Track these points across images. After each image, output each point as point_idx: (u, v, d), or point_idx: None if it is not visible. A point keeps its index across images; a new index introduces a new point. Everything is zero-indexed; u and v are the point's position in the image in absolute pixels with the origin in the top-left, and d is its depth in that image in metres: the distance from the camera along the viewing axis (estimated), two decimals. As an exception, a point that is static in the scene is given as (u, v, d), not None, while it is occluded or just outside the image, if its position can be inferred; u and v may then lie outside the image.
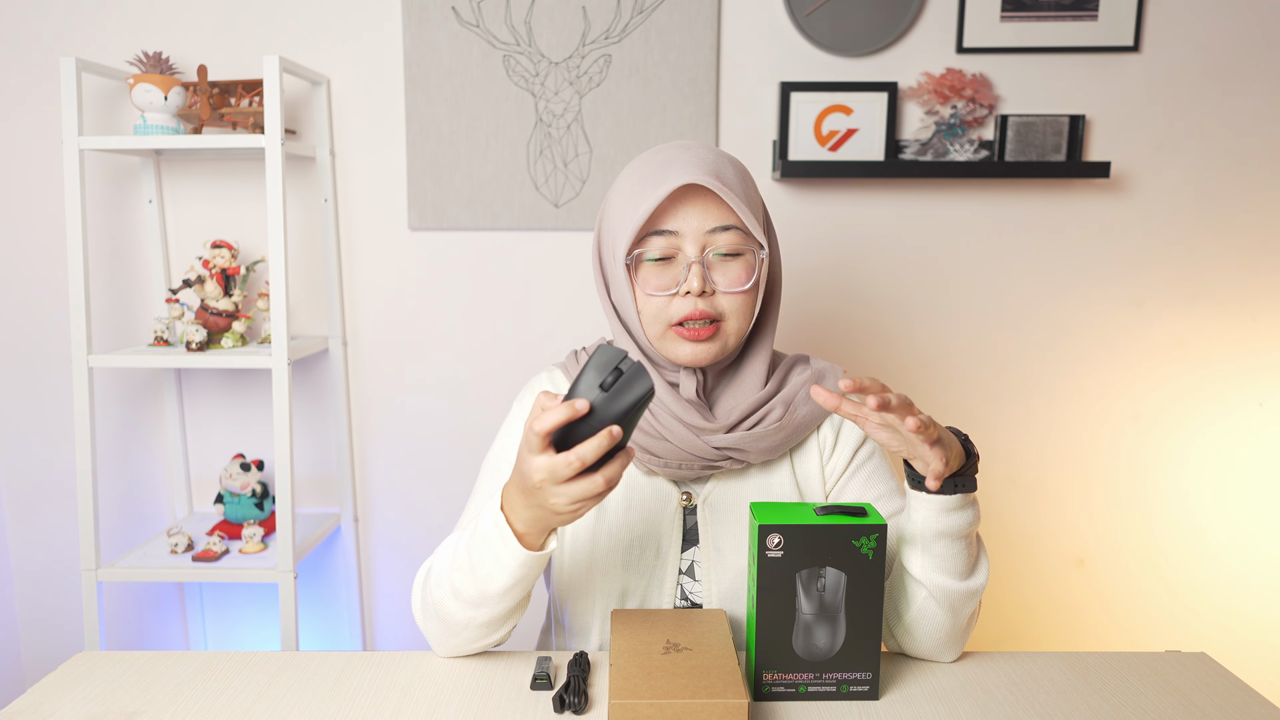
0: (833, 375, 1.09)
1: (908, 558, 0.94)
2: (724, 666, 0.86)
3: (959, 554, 0.92)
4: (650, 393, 0.81)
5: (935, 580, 0.93)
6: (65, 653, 1.87)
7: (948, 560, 0.92)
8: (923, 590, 0.94)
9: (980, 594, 0.95)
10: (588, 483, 0.80)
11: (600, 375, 0.81)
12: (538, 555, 0.89)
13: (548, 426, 0.79)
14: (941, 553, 0.91)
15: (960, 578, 0.93)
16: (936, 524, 0.90)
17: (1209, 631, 1.85)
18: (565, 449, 0.81)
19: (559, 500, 0.81)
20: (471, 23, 1.69)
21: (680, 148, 1.01)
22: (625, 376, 0.80)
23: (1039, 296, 1.78)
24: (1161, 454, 1.81)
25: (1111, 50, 1.68)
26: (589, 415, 0.80)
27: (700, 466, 1.03)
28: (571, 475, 0.80)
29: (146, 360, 1.57)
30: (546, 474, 0.80)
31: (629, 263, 0.99)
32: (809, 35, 1.68)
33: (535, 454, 0.81)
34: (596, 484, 0.80)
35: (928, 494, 0.90)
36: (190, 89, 1.59)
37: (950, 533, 0.91)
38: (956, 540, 0.91)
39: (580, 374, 0.81)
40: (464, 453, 1.83)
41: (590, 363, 0.81)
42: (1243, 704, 0.90)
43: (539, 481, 0.81)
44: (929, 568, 0.92)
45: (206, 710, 0.89)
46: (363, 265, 1.78)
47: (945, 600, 0.93)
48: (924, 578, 0.93)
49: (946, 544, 0.91)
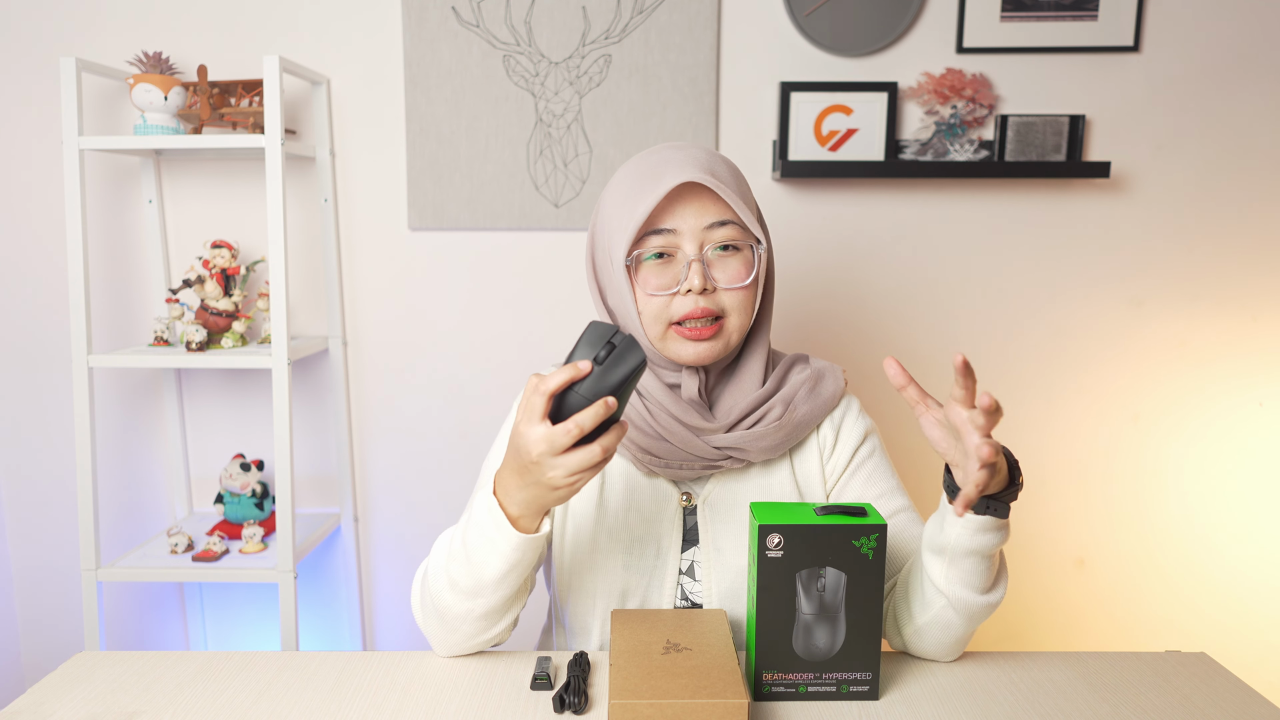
0: (832, 375, 1.09)
1: (931, 566, 0.93)
2: (724, 666, 0.86)
3: (985, 570, 0.90)
4: (643, 364, 0.82)
5: (957, 593, 0.91)
6: (65, 653, 1.87)
7: (973, 576, 0.90)
8: (942, 599, 0.93)
9: (998, 606, 0.94)
10: (585, 452, 0.81)
11: (594, 349, 0.82)
12: (532, 538, 0.89)
13: (552, 386, 0.80)
14: (969, 568, 0.90)
15: (982, 592, 0.91)
16: (970, 542, 0.88)
17: (1209, 631, 1.85)
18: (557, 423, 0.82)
19: (556, 473, 0.82)
20: (471, 23, 1.69)
21: (672, 148, 1.01)
22: (618, 349, 0.82)
23: (1039, 296, 1.78)
24: (1161, 454, 1.81)
25: (1111, 50, 1.68)
26: (582, 388, 0.81)
27: (700, 466, 1.03)
28: (570, 444, 0.80)
29: (146, 360, 1.57)
30: (545, 445, 0.81)
31: (628, 264, 0.99)
32: (809, 35, 1.68)
33: (534, 424, 0.81)
34: (594, 453, 0.81)
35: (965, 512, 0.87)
36: (190, 89, 1.59)
37: (980, 551, 0.89)
38: (985, 558, 0.90)
39: (573, 350, 0.83)
40: (464, 452, 1.83)
41: (582, 338, 0.83)
42: (1243, 704, 0.90)
43: (537, 455, 0.81)
44: (953, 580, 0.91)
45: (206, 710, 0.89)
46: (363, 265, 1.78)
47: (964, 611, 0.92)
48: (946, 589, 0.92)
49: (975, 561, 0.89)
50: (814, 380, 1.07)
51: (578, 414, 0.80)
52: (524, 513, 0.88)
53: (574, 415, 0.80)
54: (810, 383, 1.06)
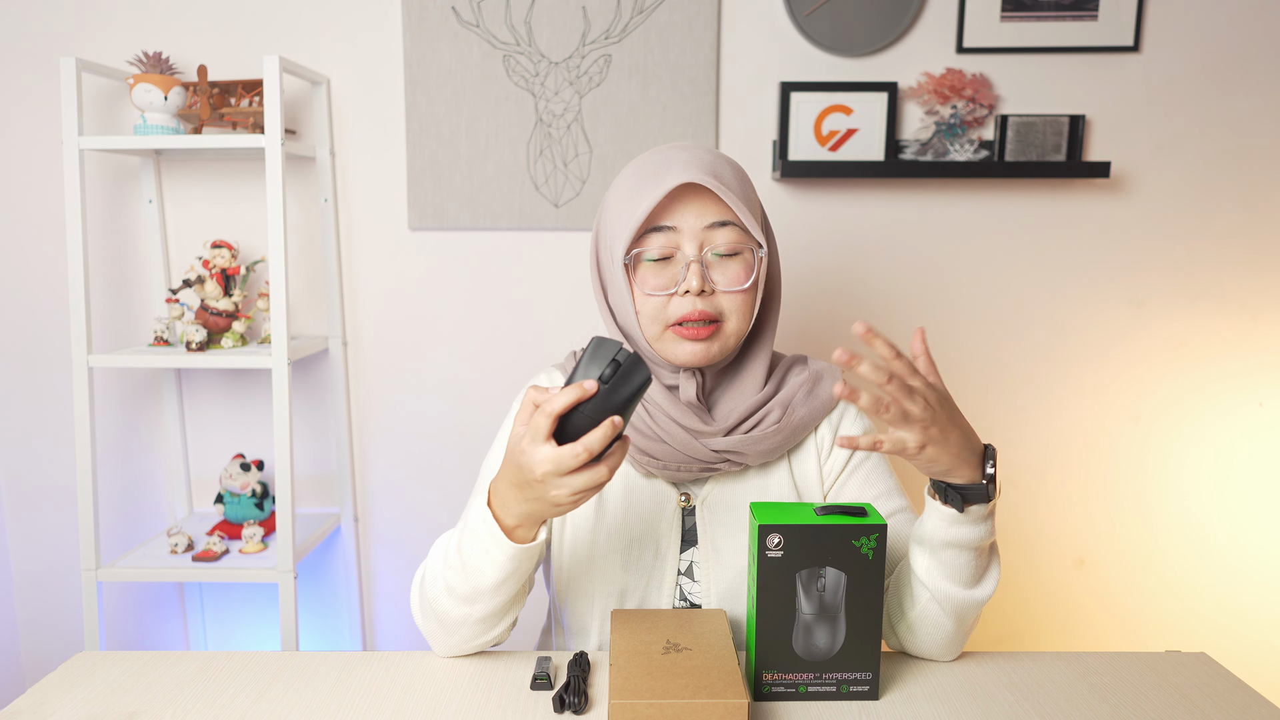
0: (831, 376, 1.08)
1: (915, 558, 0.94)
2: (724, 666, 0.86)
3: (966, 564, 0.90)
4: (648, 381, 0.82)
5: (939, 585, 0.92)
6: (65, 653, 1.87)
7: (954, 569, 0.91)
8: (926, 592, 0.93)
9: (985, 603, 0.94)
10: (592, 473, 0.81)
11: (599, 367, 0.81)
12: (527, 548, 0.89)
13: (559, 408, 0.80)
14: (949, 561, 0.90)
15: (965, 586, 0.92)
16: (945, 533, 0.89)
17: (1209, 631, 1.85)
18: (562, 441, 0.81)
19: (561, 492, 0.82)
20: (471, 23, 1.69)
21: (678, 148, 1.01)
22: (624, 368, 0.81)
23: (1039, 297, 1.78)
24: (1161, 454, 1.81)
25: (1111, 50, 1.68)
26: (587, 407, 0.81)
27: (698, 469, 1.03)
28: (578, 466, 0.80)
29: (146, 360, 1.57)
30: (552, 465, 0.80)
31: (627, 263, 0.99)
32: (809, 35, 1.68)
33: (538, 445, 0.81)
34: (601, 474, 0.81)
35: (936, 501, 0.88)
36: (190, 89, 1.59)
37: (958, 543, 0.89)
38: (965, 551, 0.90)
39: (576, 367, 0.82)
40: (464, 453, 1.83)
41: (586, 355, 0.82)
42: (1243, 704, 0.90)
43: (542, 474, 0.81)
44: (934, 573, 0.92)
45: (206, 710, 0.89)
46: (363, 265, 1.78)
47: (949, 605, 0.93)
48: (929, 581, 0.92)
49: (954, 553, 0.90)
50: (812, 382, 1.07)
51: (586, 437, 0.79)
52: (521, 523, 0.88)
53: (582, 438, 0.80)
54: (808, 384, 1.06)
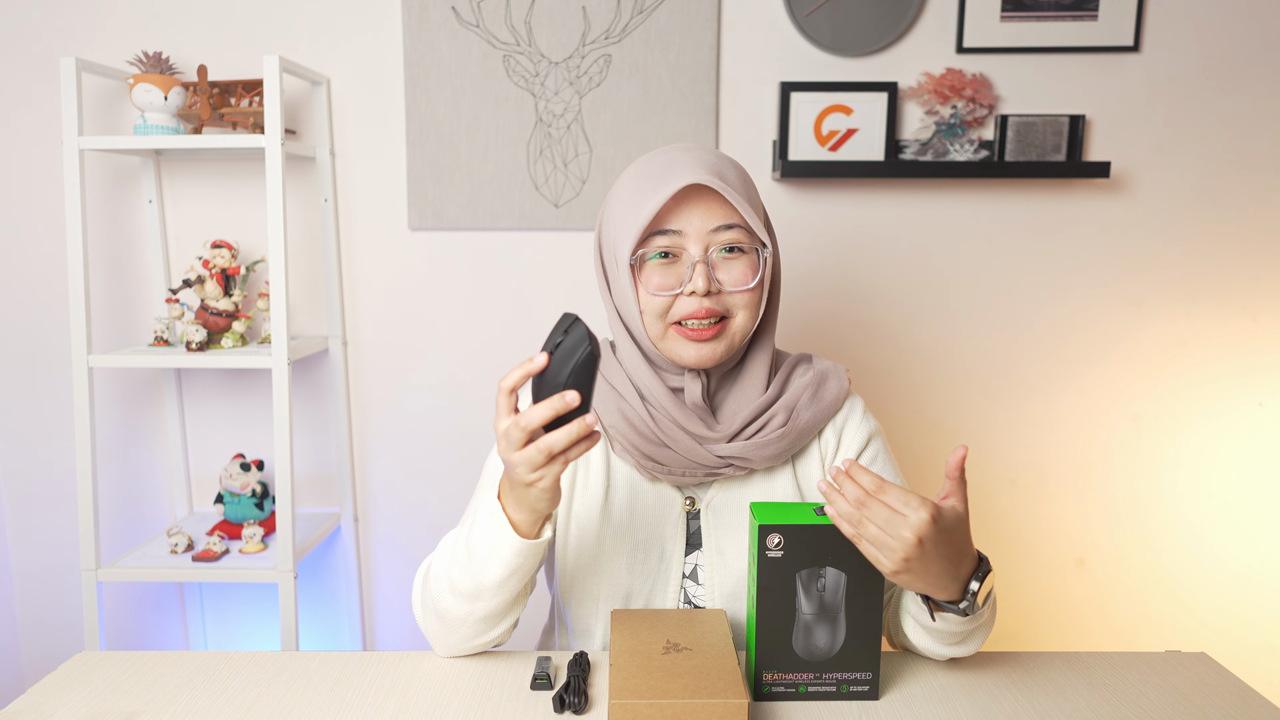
0: (835, 377, 1.08)
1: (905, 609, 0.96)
2: (724, 666, 0.86)
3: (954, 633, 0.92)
4: (588, 348, 0.81)
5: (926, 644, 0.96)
6: (65, 653, 1.87)
7: (943, 636, 0.93)
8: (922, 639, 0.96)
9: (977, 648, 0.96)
10: (532, 449, 0.82)
11: (552, 340, 0.82)
12: (532, 544, 0.90)
13: (511, 384, 0.82)
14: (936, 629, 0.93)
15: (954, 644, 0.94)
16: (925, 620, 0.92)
17: (1209, 631, 1.85)
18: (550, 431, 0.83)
19: (519, 470, 0.83)
20: (471, 23, 1.69)
21: (681, 149, 1.01)
22: (568, 338, 0.82)
23: (1039, 296, 1.78)
24: (1161, 454, 1.81)
25: (1111, 50, 1.68)
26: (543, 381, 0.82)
27: (703, 474, 1.03)
28: (524, 440, 0.82)
29: (146, 360, 1.57)
30: (504, 443, 0.83)
31: (633, 263, 0.99)
32: (809, 35, 1.68)
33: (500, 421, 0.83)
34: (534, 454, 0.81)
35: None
36: (190, 89, 1.59)
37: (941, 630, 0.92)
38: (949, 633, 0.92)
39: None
40: (464, 453, 1.83)
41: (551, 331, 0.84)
42: (1243, 704, 0.90)
43: (502, 453, 0.84)
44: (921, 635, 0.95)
45: (206, 710, 0.89)
46: (363, 265, 1.78)
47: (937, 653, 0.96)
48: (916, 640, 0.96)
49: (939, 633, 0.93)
50: (816, 384, 1.06)
51: (523, 413, 0.81)
52: (524, 518, 0.89)
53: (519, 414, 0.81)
54: (813, 387, 1.06)
